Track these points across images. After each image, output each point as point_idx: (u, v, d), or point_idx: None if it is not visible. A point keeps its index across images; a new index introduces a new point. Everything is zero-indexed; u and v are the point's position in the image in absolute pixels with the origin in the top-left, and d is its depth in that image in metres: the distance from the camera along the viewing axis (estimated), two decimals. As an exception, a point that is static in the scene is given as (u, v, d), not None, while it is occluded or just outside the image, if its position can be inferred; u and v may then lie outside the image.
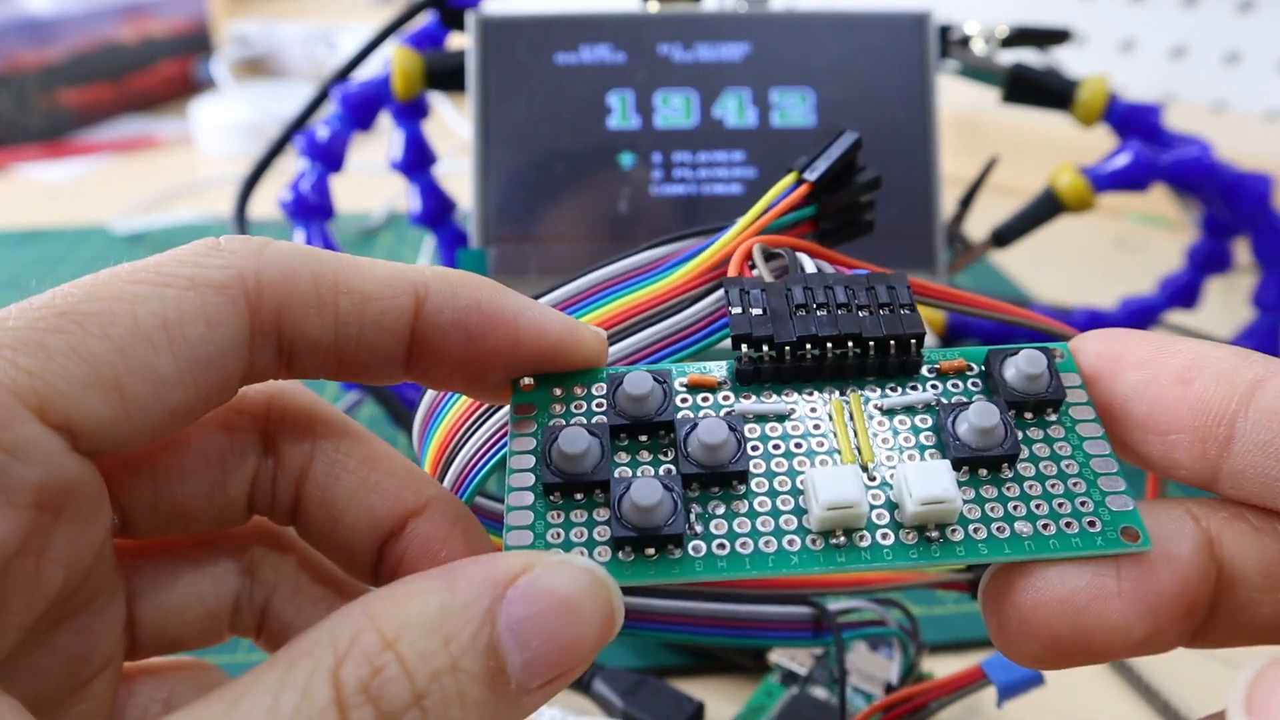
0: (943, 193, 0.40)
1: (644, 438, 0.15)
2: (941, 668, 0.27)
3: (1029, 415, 0.16)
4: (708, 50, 0.39)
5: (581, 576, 0.13)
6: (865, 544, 0.14)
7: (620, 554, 0.14)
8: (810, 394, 0.16)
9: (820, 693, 0.28)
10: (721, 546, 0.14)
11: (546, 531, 0.14)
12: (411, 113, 0.44)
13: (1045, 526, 0.15)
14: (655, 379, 0.16)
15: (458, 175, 0.55)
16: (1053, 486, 0.15)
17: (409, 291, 0.15)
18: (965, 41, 0.42)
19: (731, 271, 0.18)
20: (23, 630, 0.13)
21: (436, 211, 0.45)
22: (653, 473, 0.15)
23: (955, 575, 0.21)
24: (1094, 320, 0.49)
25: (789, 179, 0.19)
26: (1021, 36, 0.43)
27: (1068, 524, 0.15)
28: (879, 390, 0.16)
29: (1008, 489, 0.15)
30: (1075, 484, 0.15)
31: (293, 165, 0.41)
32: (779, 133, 0.39)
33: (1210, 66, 0.76)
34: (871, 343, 0.16)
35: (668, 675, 0.30)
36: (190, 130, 0.85)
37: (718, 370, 0.16)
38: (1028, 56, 0.44)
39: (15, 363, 0.12)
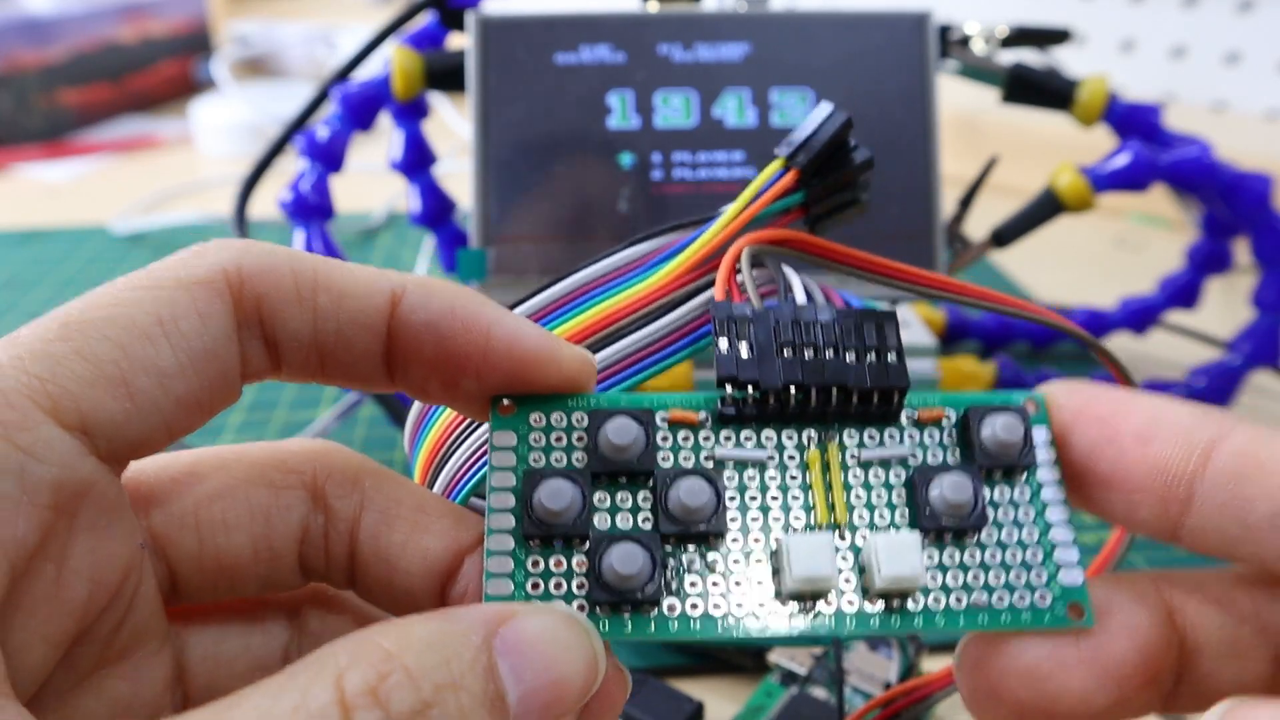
0: (943, 193, 0.40)
1: (623, 479, 0.15)
2: (941, 667, 0.27)
3: (998, 475, 0.16)
4: (708, 50, 0.39)
5: (565, 621, 0.14)
6: (831, 610, 0.15)
7: (597, 610, 0.15)
8: (790, 436, 0.16)
9: (820, 693, 0.28)
10: (695, 607, 0.15)
11: (526, 581, 0.15)
12: (411, 113, 0.44)
13: (1000, 599, 0.15)
14: (638, 421, 0.15)
15: (458, 175, 0.55)
16: (1012, 556, 0.16)
17: (385, 290, 0.15)
18: (965, 41, 0.42)
19: (719, 280, 0.17)
20: (52, 645, 0.14)
21: (436, 211, 0.45)
22: (631, 522, 0.15)
23: None
24: (1094, 320, 0.49)
25: (775, 165, 0.19)
26: (1021, 36, 0.43)
27: (1020, 597, 0.15)
28: (857, 437, 0.16)
29: (970, 556, 0.16)
30: (1033, 554, 0.16)
31: (293, 165, 0.41)
32: (779, 133, 0.39)
33: (1210, 66, 0.76)
34: (856, 392, 0.16)
35: (667, 675, 0.30)
36: (190, 130, 0.85)
37: (700, 407, 0.16)
38: (1028, 56, 0.44)
39: (27, 369, 0.13)
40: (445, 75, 0.39)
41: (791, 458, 0.16)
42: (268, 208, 0.63)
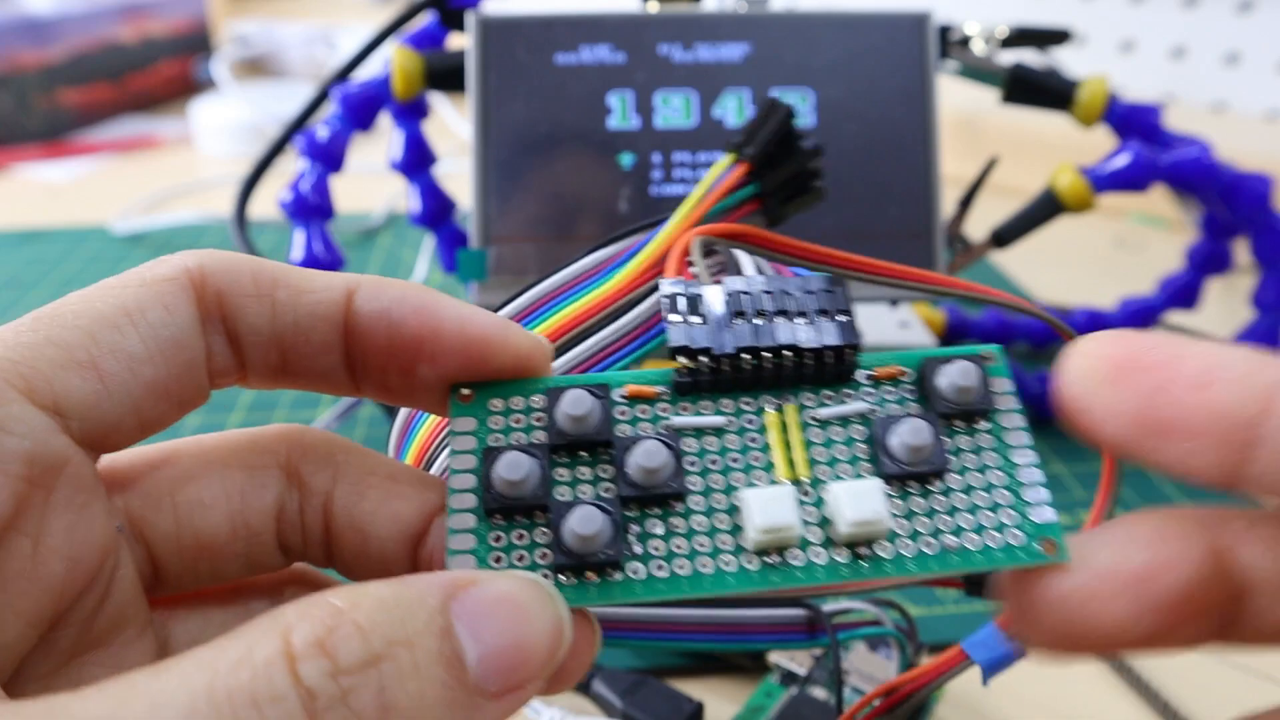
0: (943, 193, 0.40)
1: (584, 454, 0.16)
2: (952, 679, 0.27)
3: (959, 424, 0.16)
4: (708, 50, 0.39)
5: (527, 585, 0.14)
6: (799, 562, 0.15)
7: (561, 577, 0.15)
8: (748, 402, 0.16)
9: (819, 693, 0.28)
10: (660, 568, 0.15)
11: (489, 555, 0.15)
12: (411, 113, 0.44)
13: (971, 540, 0.15)
14: (594, 394, 0.16)
15: (458, 175, 0.55)
16: (979, 499, 0.16)
17: (340, 286, 0.16)
18: (965, 42, 0.42)
19: (668, 270, 0.17)
20: (28, 623, 0.14)
21: (436, 212, 0.45)
22: (592, 492, 0.15)
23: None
24: (1094, 320, 0.49)
25: (726, 160, 0.19)
26: (1021, 37, 0.43)
27: (992, 537, 0.15)
28: (815, 398, 0.16)
29: (936, 502, 0.16)
30: (1001, 495, 0.16)
31: (293, 165, 0.41)
32: (779, 133, 0.39)
33: (1210, 67, 0.76)
34: (808, 352, 0.16)
35: (667, 675, 0.30)
36: (190, 130, 0.85)
37: (657, 382, 0.16)
38: (1028, 57, 0.44)
39: (0, 354, 0.14)
40: (445, 75, 0.39)
41: (750, 421, 0.16)
42: (268, 208, 0.63)
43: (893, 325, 0.44)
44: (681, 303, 0.16)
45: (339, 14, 1.17)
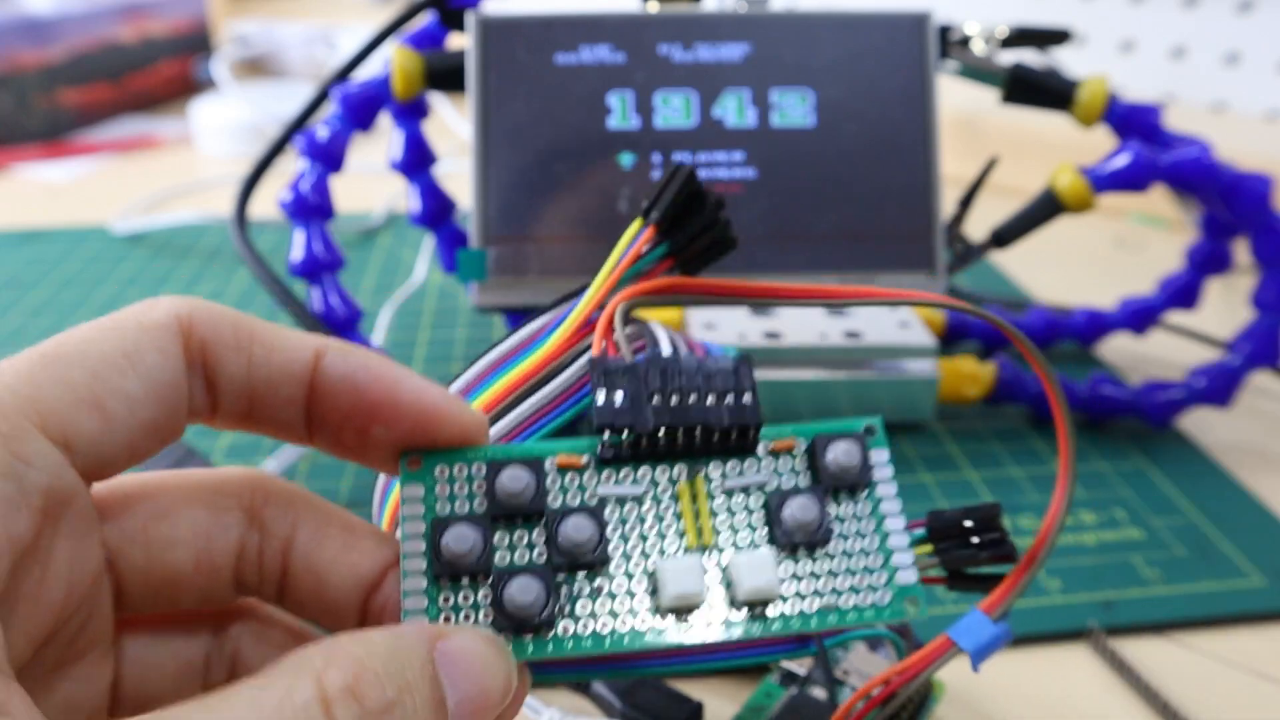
0: (943, 193, 0.40)
1: (521, 521, 0.18)
2: (945, 666, 0.27)
3: (843, 494, 0.19)
4: (707, 50, 0.39)
5: (487, 640, 0.16)
6: (705, 621, 0.18)
7: (501, 634, 0.17)
8: (664, 470, 0.19)
9: (819, 693, 0.28)
10: (586, 626, 0.17)
11: (439, 615, 0.17)
12: (411, 113, 0.44)
13: (846, 600, 0.18)
14: (528, 468, 0.18)
15: (458, 175, 0.55)
16: (856, 562, 0.18)
17: (310, 348, 0.18)
18: (965, 42, 0.42)
19: (596, 338, 0.19)
20: (29, 642, 0.15)
21: (436, 212, 0.45)
22: (529, 556, 0.18)
23: (932, 572, 0.21)
24: (1093, 320, 0.49)
25: (635, 226, 0.21)
26: (1021, 37, 0.43)
27: (864, 597, 0.18)
28: (721, 469, 0.19)
29: (820, 565, 0.18)
30: (874, 559, 0.19)
31: (293, 165, 0.41)
32: (779, 133, 0.39)
33: (1210, 67, 0.76)
34: (716, 430, 0.18)
35: (667, 675, 0.30)
36: (190, 130, 0.85)
37: (584, 451, 0.19)
38: (1028, 57, 0.44)
39: (17, 391, 0.15)
40: (445, 75, 0.39)
41: (665, 490, 0.18)
42: (268, 208, 0.63)
43: (893, 325, 0.44)
44: (605, 378, 0.18)
45: (339, 14, 1.17)
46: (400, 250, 0.64)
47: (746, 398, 0.19)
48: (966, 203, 0.40)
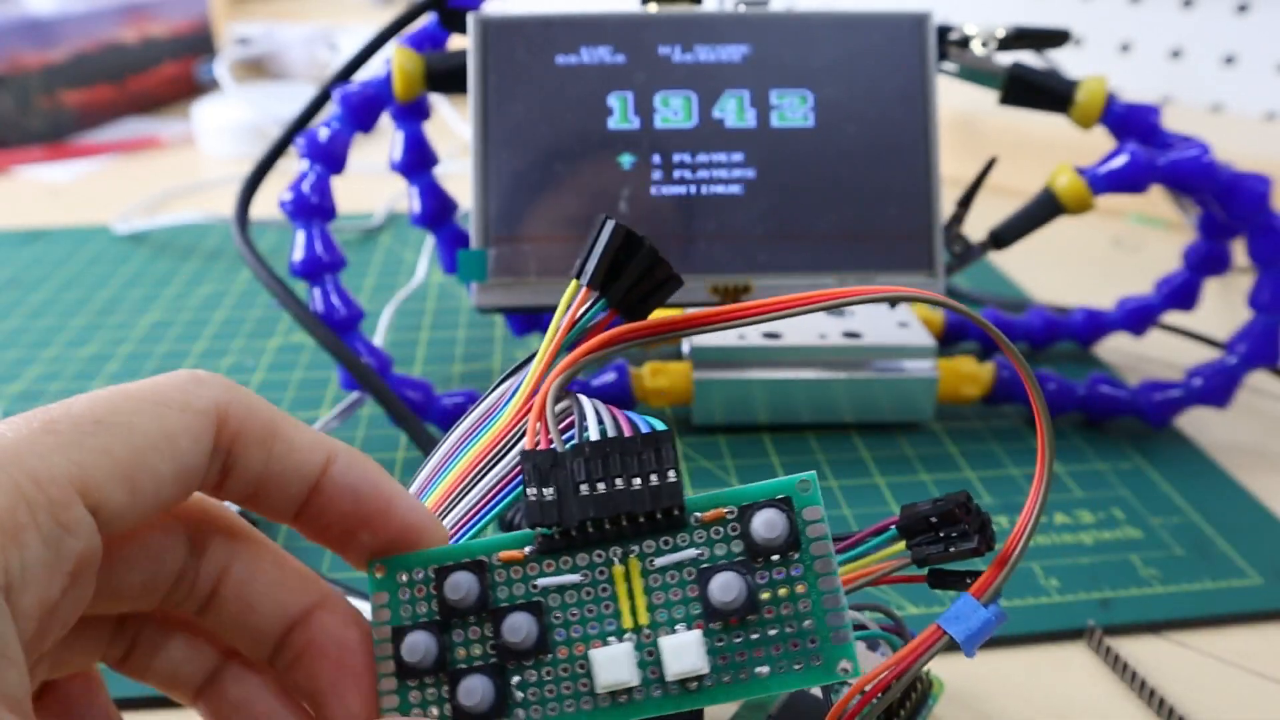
0: (942, 193, 0.40)
1: (471, 618, 0.19)
2: (942, 666, 0.27)
3: (775, 558, 0.19)
4: (707, 51, 0.40)
5: None
6: (640, 697, 0.19)
7: None
8: (599, 554, 0.19)
9: (817, 691, 0.28)
10: (536, 711, 0.19)
11: (409, 710, 0.19)
12: (412, 114, 0.45)
13: (780, 667, 0.19)
14: (471, 571, 0.19)
15: (458, 176, 0.55)
16: (788, 627, 0.19)
17: (323, 452, 0.19)
18: (964, 42, 0.42)
19: (530, 429, 0.20)
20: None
21: (437, 212, 0.46)
22: (480, 650, 0.19)
23: (906, 571, 0.22)
24: (1092, 320, 0.49)
25: (570, 289, 0.21)
26: (1020, 38, 0.43)
27: (798, 662, 0.19)
28: (654, 546, 0.19)
29: (750, 637, 0.19)
30: (808, 623, 0.19)
31: (294, 166, 0.41)
32: (778, 133, 0.40)
33: (1208, 68, 0.76)
34: (642, 515, 0.19)
35: None
36: (192, 131, 0.85)
37: (523, 545, 0.20)
38: (1026, 57, 0.44)
39: (68, 457, 0.16)
40: (446, 76, 0.40)
41: (602, 573, 0.19)
42: (269, 208, 0.63)
43: (892, 325, 0.44)
44: (535, 473, 0.19)
45: (340, 15, 1.17)
46: (401, 251, 0.64)
47: (670, 475, 0.19)
48: (966, 203, 0.41)
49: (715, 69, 0.40)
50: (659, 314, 0.21)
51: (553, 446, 0.20)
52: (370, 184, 0.73)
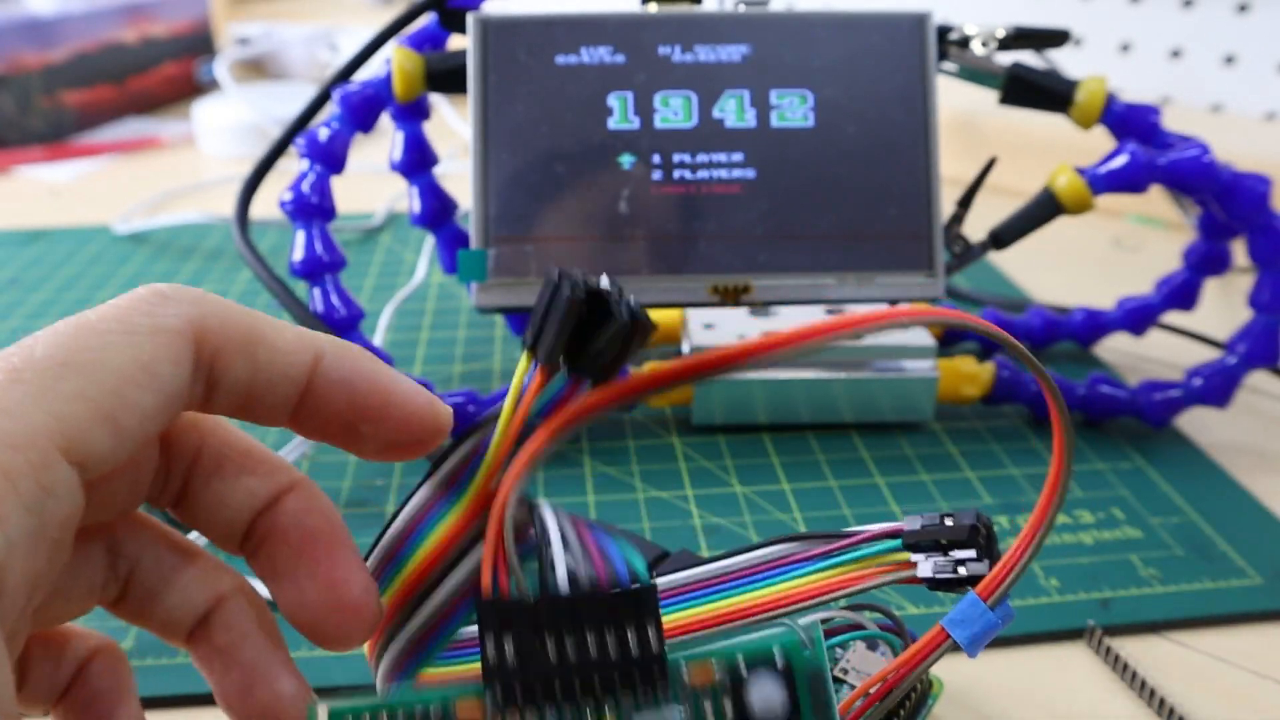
0: (942, 193, 0.40)
1: None
2: (941, 665, 0.27)
3: None
4: (707, 51, 0.40)
5: None
6: None
7: None
8: (569, 707, 0.17)
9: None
10: None
11: None
12: (412, 114, 0.45)
13: None
14: None
15: (458, 176, 0.55)
16: None
17: (311, 350, 0.18)
18: (964, 42, 0.42)
19: (485, 564, 0.17)
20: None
21: (437, 212, 0.46)
22: None
23: (907, 574, 0.21)
24: (1092, 320, 0.49)
25: (523, 363, 0.17)
26: (1020, 38, 0.43)
27: None
28: (632, 700, 0.17)
29: None
30: None
31: (294, 166, 0.41)
32: (778, 133, 0.40)
33: (1208, 68, 0.76)
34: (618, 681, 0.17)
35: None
36: (192, 131, 0.85)
37: (482, 695, 0.17)
38: (1027, 57, 0.44)
39: (43, 410, 0.14)
40: (446, 76, 0.40)
41: None
42: (269, 208, 0.63)
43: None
44: (495, 622, 0.17)
45: (340, 15, 1.17)
46: (401, 251, 0.64)
47: (650, 631, 0.17)
48: (965, 203, 0.41)
49: (715, 69, 0.40)
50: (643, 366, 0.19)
51: (514, 595, 0.17)
52: (370, 184, 0.73)
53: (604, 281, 0.17)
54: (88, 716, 0.19)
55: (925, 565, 0.21)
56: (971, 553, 0.20)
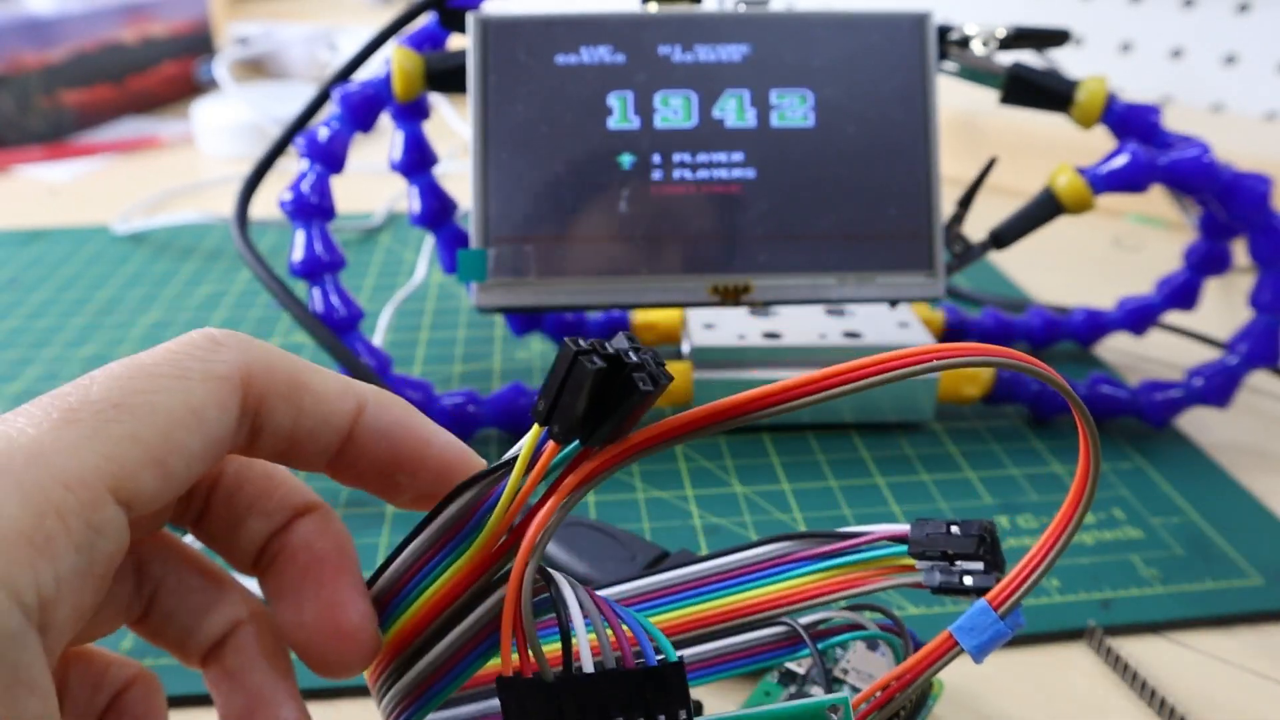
0: (942, 193, 0.40)
1: None
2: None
3: None
4: (707, 51, 0.40)
5: None
6: None
7: None
8: None
9: (819, 692, 0.28)
10: None
11: None
12: (412, 114, 0.44)
13: None
14: None
15: (458, 176, 0.55)
16: None
17: (354, 399, 0.18)
18: (964, 42, 0.42)
19: (505, 643, 0.16)
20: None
21: (436, 212, 0.45)
22: None
23: (911, 579, 0.21)
24: (1092, 320, 0.49)
25: (533, 434, 0.17)
26: (1020, 38, 0.43)
27: None
28: None
29: None
30: None
31: (293, 166, 0.41)
32: (778, 133, 0.39)
33: (1208, 68, 0.76)
34: None
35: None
36: (192, 131, 0.85)
37: None
38: (1027, 57, 0.44)
39: (96, 451, 0.15)
40: (445, 76, 0.40)
41: None
42: (269, 208, 0.63)
43: (892, 325, 0.44)
44: (516, 708, 0.16)
45: (340, 15, 1.17)
46: (401, 250, 0.64)
47: (680, 714, 0.16)
48: (966, 203, 0.41)
49: (715, 69, 0.39)
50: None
51: (537, 675, 0.16)
52: (370, 184, 0.73)
53: (621, 343, 0.16)
54: None
55: (931, 575, 0.20)
56: (978, 565, 0.20)
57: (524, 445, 0.17)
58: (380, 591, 0.18)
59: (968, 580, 0.20)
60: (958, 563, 0.20)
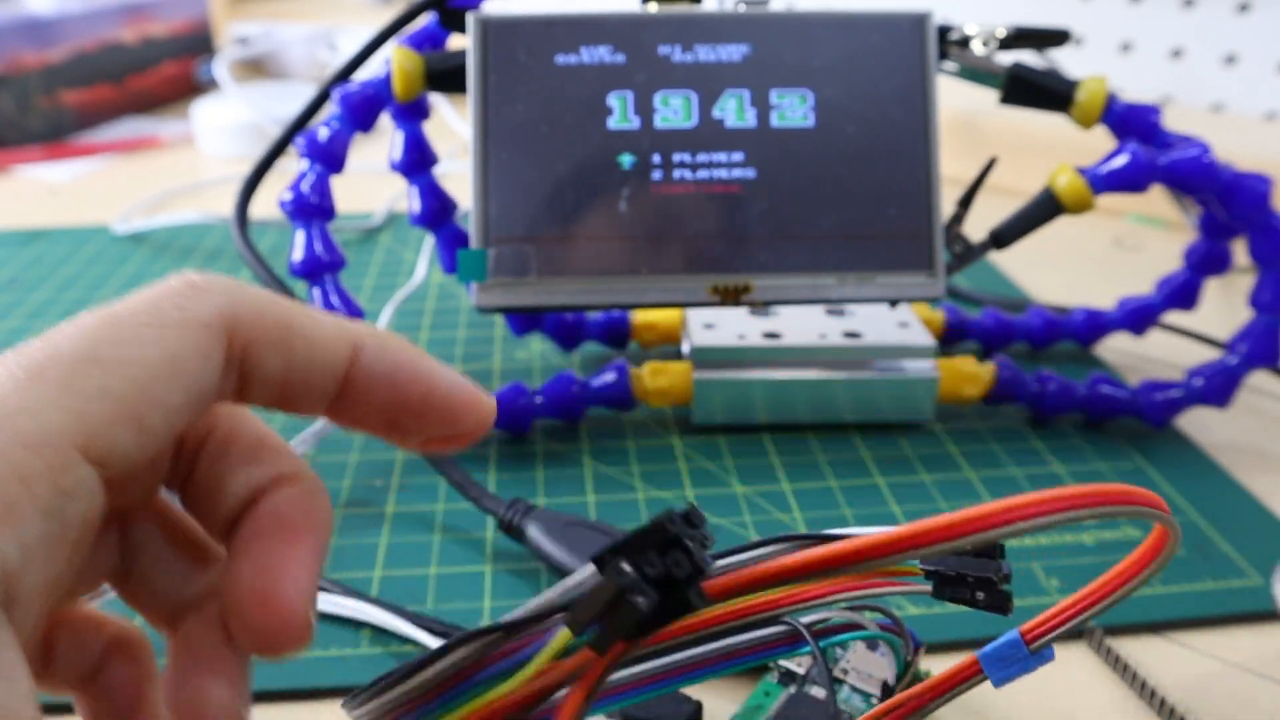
0: (942, 193, 0.40)
1: None
2: (941, 664, 0.27)
3: None
4: (707, 51, 0.40)
5: None
6: None
7: None
8: None
9: (818, 692, 0.28)
10: None
11: None
12: (412, 113, 0.44)
13: None
14: None
15: (458, 176, 0.55)
16: None
17: (349, 341, 0.17)
18: (964, 42, 0.42)
19: None
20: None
21: (436, 212, 0.46)
22: None
23: (916, 587, 0.21)
24: (1092, 320, 0.49)
25: (561, 637, 0.15)
26: (1020, 38, 0.43)
27: None
28: None
29: None
30: None
31: (293, 166, 0.41)
32: (779, 133, 0.39)
33: (1208, 68, 0.76)
34: None
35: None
36: (192, 131, 0.85)
37: None
38: (1027, 57, 0.44)
39: (63, 408, 0.14)
40: (445, 76, 0.40)
41: None
42: (269, 208, 0.63)
43: (892, 325, 0.44)
44: None
45: (340, 15, 1.17)
46: (401, 250, 0.64)
47: None
48: (966, 203, 0.41)
49: (715, 69, 0.39)
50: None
51: None
52: (370, 184, 0.73)
53: (681, 567, 0.14)
54: (112, 702, 0.19)
55: (941, 590, 0.20)
56: (995, 592, 0.19)
57: (550, 647, 0.15)
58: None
59: (980, 595, 0.19)
60: (971, 581, 0.19)
